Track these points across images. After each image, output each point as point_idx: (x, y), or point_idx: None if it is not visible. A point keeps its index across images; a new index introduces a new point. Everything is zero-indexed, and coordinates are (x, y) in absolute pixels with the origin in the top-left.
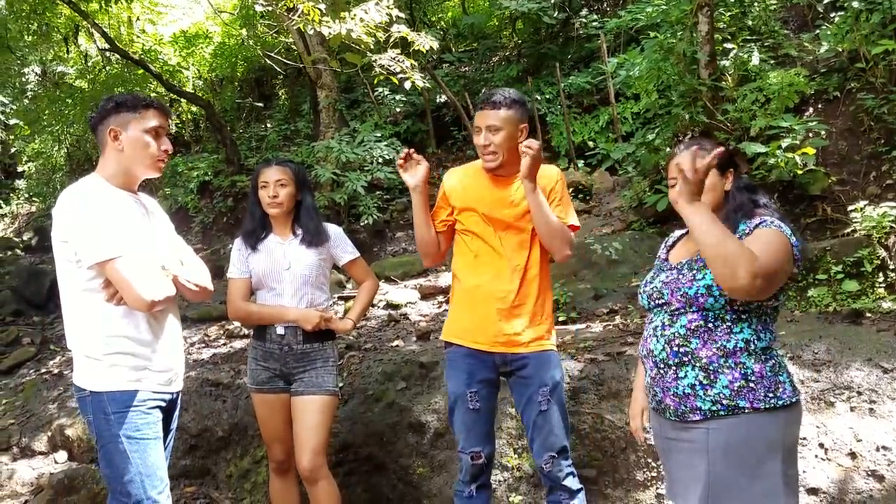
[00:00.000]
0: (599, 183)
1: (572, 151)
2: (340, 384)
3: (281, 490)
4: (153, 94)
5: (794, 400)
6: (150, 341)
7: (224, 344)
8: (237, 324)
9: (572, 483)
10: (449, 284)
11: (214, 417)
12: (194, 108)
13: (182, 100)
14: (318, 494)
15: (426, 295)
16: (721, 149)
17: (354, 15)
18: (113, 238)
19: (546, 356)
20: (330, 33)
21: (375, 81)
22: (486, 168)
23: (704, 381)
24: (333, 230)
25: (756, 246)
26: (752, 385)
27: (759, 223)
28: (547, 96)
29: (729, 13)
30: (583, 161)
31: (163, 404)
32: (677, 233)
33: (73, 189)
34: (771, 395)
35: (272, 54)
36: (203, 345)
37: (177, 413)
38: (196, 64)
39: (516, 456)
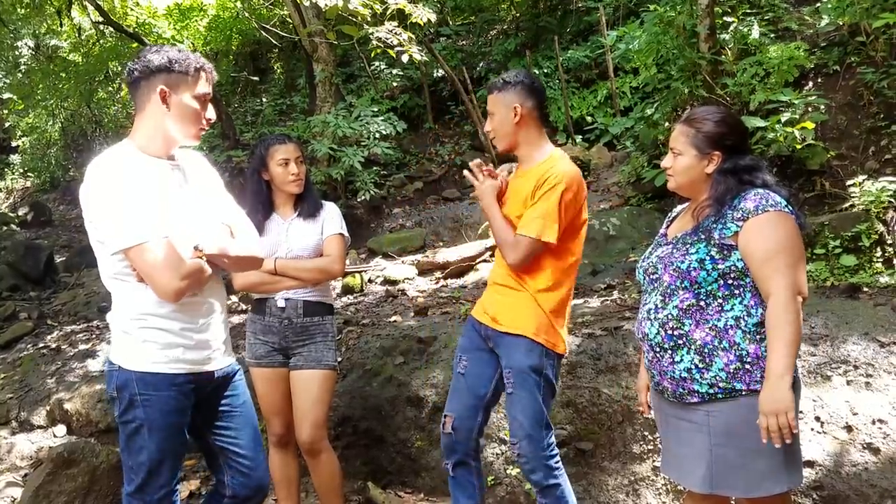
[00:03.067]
0: (598, 158)
1: (570, 126)
2: (339, 359)
3: (281, 463)
4: None
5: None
6: (185, 318)
7: None
8: (235, 299)
9: (539, 477)
10: (447, 260)
11: None
12: None
13: None
14: (319, 467)
15: (424, 271)
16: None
17: None
18: (138, 223)
19: (515, 340)
20: (326, 5)
21: (372, 55)
22: (500, 150)
23: (700, 365)
24: (330, 205)
25: (770, 259)
26: (747, 367)
27: (757, 206)
28: (545, 70)
29: None
30: (581, 136)
31: (196, 385)
32: (679, 207)
33: (101, 163)
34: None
35: (267, 27)
36: None
37: (240, 388)
38: (191, 37)
39: None
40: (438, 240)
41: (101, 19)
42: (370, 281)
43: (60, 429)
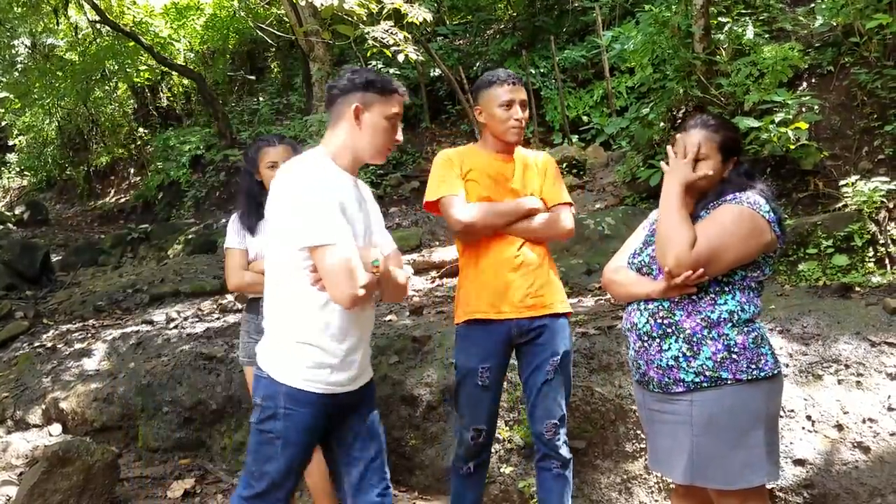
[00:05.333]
0: (593, 158)
1: (566, 126)
2: None
3: None
4: (143, 67)
5: (775, 372)
6: (341, 337)
7: (217, 318)
8: (230, 298)
9: (566, 452)
10: (442, 259)
11: (208, 391)
12: (186, 81)
13: (173, 72)
14: (311, 467)
15: (420, 270)
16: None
17: None
18: (330, 223)
19: (562, 323)
20: (322, 4)
21: (369, 54)
22: (513, 141)
23: (688, 353)
24: None
25: (704, 228)
26: (734, 357)
27: (733, 198)
28: (542, 70)
29: None
30: (577, 136)
31: (336, 403)
32: None
33: (300, 164)
34: (753, 366)
35: (264, 26)
36: (196, 319)
37: (371, 404)
38: (187, 36)
39: (507, 428)
40: (434, 239)
41: (97, 18)
42: None
43: (56, 427)
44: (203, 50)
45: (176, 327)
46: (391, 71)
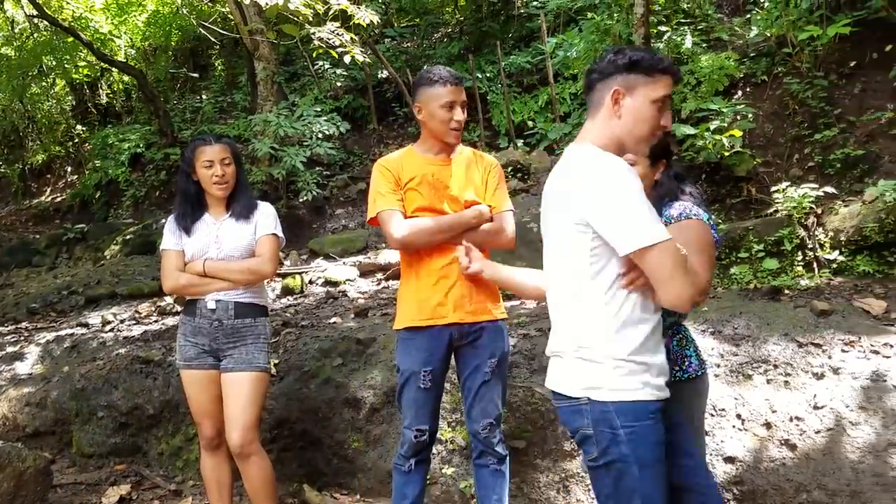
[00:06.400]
0: (538, 162)
1: (512, 130)
2: (276, 361)
3: (212, 467)
4: (83, 63)
5: (700, 373)
6: (653, 338)
7: (156, 321)
8: (169, 300)
9: (501, 449)
10: (388, 262)
11: (145, 395)
12: (126, 78)
13: (113, 69)
14: (250, 470)
15: (365, 272)
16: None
17: None
18: (655, 221)
19: (499, 326)
20: (267, 3)
21: (315, 55)
22: (452, 143)
23: None
24: (265, 205)
25: (692, 254)
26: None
27: (681, 213)
28: (488, 75)
29: None
30: (522, 140)
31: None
32: None
33: (596, 162)
34: (678, 368)
35: (208, 24)
36: (134, 322)
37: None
38: (129, 32)
39: (450, 429)
40: (380, 241)
41: (35, 13)
42: (311, 282)
43: None
44: (145, 47)
45: (112, 330)
46: (338, 72)
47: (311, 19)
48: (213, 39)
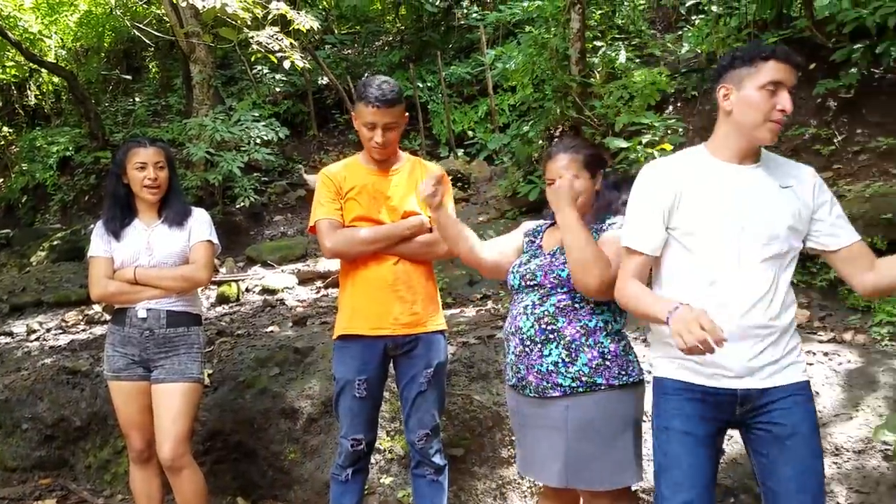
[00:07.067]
0: (478, 172)
1: (452, 140)
2: (210, 371)
3: (142, 480)
4: (10, 63)
5: (640, 378)
6: None
7: (83, 330)
8: (97, 308)
9: (439, 459)
10: (328, 269)
11: (72, 406)
12: (56, 80)
13: (42, 70)
14: (181, 484)
15: (304, 280)
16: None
17: None
18: (629, 225)
19: (436, 338)
20: (204, 6)
21: (253, 59)
22: (377, 159)
23: (566, 359)
24: (199, 211)
25: (611, 252)
26: (608, 363)
27: (612, 224)
28: (429, 84)
29: (600, 11)
30: (462, 150)
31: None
32: (542, 222)
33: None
34: (623, 372)
35: (142, 26)
36: (60, 331)
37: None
38: (59, 32)
39: (389, 439)
40: (319, 249)
41: None
42: (247, 290)
43: None
44: (76, 47)
45: (37, 339)
46: (277, 77)
47: (249, 23)
48: (147, 41)
